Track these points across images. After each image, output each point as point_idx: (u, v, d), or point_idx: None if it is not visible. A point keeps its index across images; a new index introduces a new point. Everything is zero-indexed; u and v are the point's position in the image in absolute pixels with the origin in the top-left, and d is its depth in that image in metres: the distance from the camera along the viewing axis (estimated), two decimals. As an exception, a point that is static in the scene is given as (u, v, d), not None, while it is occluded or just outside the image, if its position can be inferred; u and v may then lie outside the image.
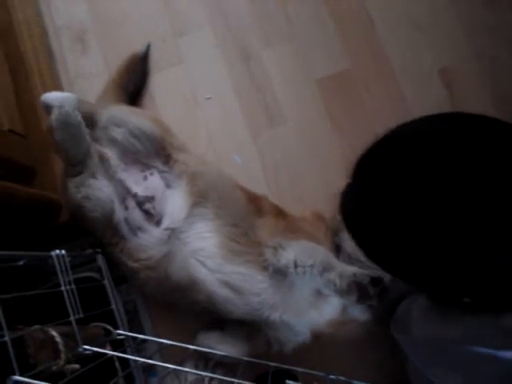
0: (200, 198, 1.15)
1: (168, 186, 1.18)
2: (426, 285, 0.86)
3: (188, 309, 1.19)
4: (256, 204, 1.21)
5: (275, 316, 1.11)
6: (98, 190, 1.13)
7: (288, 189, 1.38)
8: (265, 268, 1.11)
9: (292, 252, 1.10)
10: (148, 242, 1.13)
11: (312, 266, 1.07)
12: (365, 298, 1.00)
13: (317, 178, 1.37)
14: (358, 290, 1.00)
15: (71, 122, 1.08)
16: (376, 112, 1.40)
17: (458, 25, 1.44)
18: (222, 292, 1.10)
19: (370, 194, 0.85)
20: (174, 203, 1.15)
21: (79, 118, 1.10)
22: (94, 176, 1.13)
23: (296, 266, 1.08)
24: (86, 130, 1.12)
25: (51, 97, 1.10)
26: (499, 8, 1.44)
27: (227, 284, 1.10)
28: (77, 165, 1.12)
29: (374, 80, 1.42)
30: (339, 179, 1.31)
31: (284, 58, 1.45)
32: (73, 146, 1.10)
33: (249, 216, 1.18)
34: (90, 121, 1.19)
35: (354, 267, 1.07)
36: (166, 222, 1.13)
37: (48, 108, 1.10)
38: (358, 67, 1.43)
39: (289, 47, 1.45)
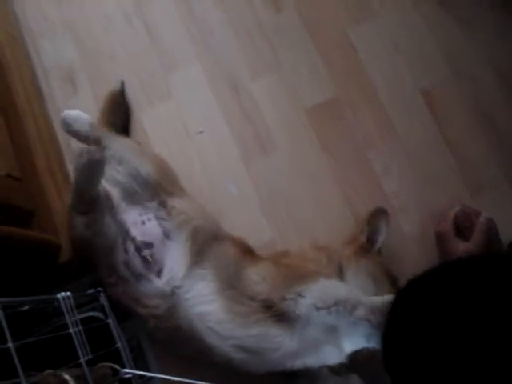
0: (198, 258, 1.14)
1: (167, 236, 1.17)
2: None
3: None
4: (251, 253, 1.22)
5: (299, 363, 1.09)
6: (107, 226, 1.13)
7: (284, 215, 1.39)
8: (276, 320, 1.08)
9: (310, 296, 1.07)
10: (152, 291, 1.13)
11: (336, 305, 1.05)
12: None
13: (311, 203, 1.39)
14: None
15: (97, 166, 1.07)
16: (364, 136, 1.44)
17: (436, 46, 1.49)
18: (240, 356, 1.09)
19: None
20: (173, 258, 1.15)
21: (103, 161, 1.09)
22: (103, 213, 1.14)
23: (317, 309, 1.06)
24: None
25: (71, 115, 1.23)
26: (474, 28, 1.49)
27: (243, 348, 1.08)
28: (89, 203, 1.12)
29: (360, 105, 1.46)
30: (332, 203, 1.38)
31: (272, 88, 1.48)
32: (90, 187, 1.10)
33: (245, 271, 1.15)
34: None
35: (374, 297, 1.07)
36: (166, 277, 1.13)
37: (66, 125, 1.22)
38: (344, 93, 1.46)
39: (276, 77, 1.49)
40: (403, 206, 1.37)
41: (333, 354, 1.10)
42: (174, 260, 1.14)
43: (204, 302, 1.10)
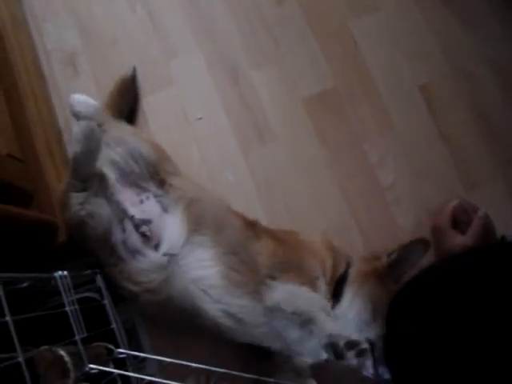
0: (197, 226, 1.15)
1: (165, 210, 1.18)
2: None
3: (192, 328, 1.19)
4: (253, 228, 1.21)
5: (277, 345, 1.10)
6: (100, 207, 1.14)
7: (281, 204, 1.41)
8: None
9: (278, 294, 1.08)
10: (147, 265, 1.13)
11: (292, 314, 1.05)
12: (341, 358, 0.96)
13: (307, 194, 1.41)
14: (333, 351, 0.97)
15: (95, 138, 1.08)
16: (362, 127, 1.45)
17: (435, 42, 1.51)
18: (226, 322, 1.10)
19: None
20: (172, 229, 1.15)
21: (101, 134, 1.11)
22: (96, 194, 1.14)
23: (279, 309, 1.06)
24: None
25: (79, 101, 1.21)
26: (473, 26, 1.51)
27: (230, 315, 1.10)
28: (84, 180, 1.13)
29: (358, 98, 1.47)
30: (328, 194, 1.39)
31: (272, 77, 1.49)
32: (87, 160, 1.11)
33: (247, 242, 1.16)
34: None
35: (334, 324, 1.04)
36: (165, 248, 1.13)
37: (72, 107, 1.20)
38: (343, 86, 1.48)
39: (276, 68, 1.50)
40: (398, 198, 1.39)
41: (310, 351, 1.08)
42: (173, 230, 1.15)
43: (201, 267, 1.11)
